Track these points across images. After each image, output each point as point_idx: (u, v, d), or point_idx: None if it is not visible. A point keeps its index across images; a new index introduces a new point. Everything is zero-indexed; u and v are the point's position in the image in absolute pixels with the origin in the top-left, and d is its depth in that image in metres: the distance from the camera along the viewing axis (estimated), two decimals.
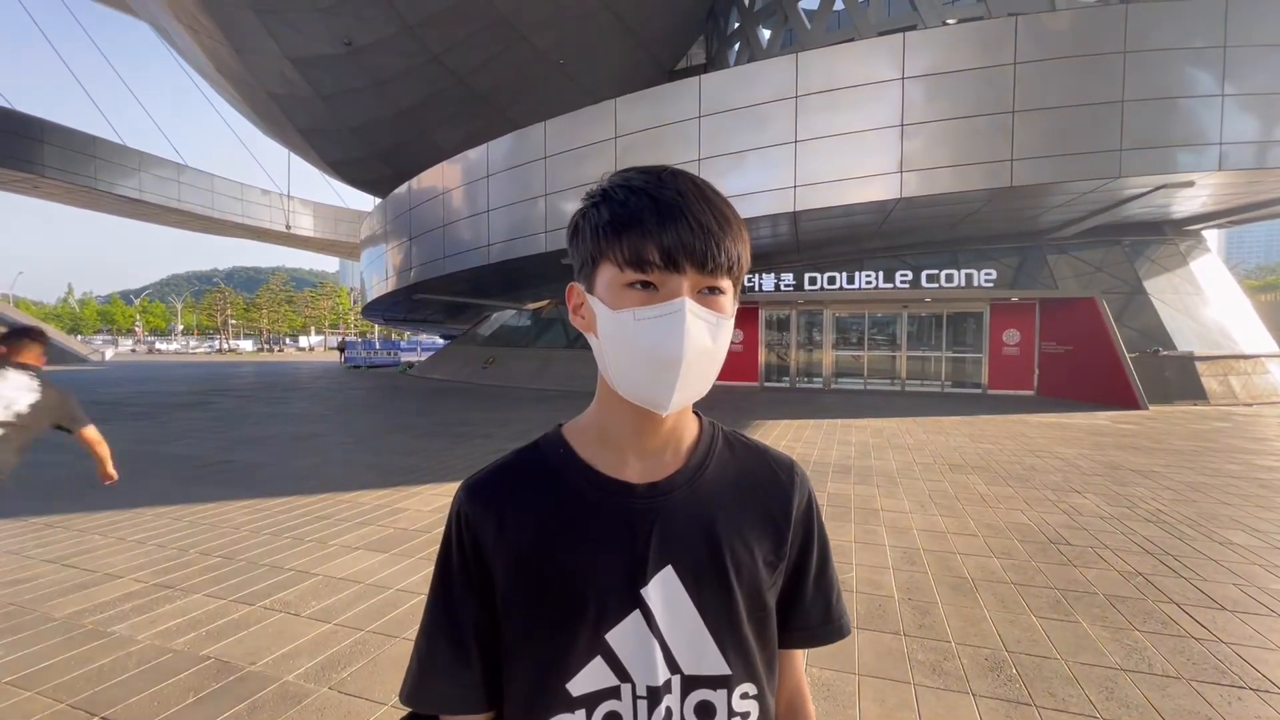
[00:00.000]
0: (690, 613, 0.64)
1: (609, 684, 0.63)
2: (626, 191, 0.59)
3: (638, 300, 0.58)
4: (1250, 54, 10.38)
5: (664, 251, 0.56)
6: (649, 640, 0.63)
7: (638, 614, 0.63)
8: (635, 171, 0.62)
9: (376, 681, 2.43)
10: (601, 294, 0.61)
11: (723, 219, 0.59)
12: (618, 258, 0.58)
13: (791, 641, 0.73)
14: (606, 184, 0.62)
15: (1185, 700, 2.30)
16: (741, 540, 0.66)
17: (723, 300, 0.60)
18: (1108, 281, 14.43)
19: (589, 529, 0.64)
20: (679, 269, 0.57)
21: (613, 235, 0.58)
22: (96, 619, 2.97)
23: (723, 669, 0.65)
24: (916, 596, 3.25)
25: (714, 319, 0.59)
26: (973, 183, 10.94)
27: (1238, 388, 12.98)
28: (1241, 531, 4.40)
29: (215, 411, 11.49)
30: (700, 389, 0.61)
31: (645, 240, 0.57)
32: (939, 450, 7.57)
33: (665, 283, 0.58)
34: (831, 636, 0.74)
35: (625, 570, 0.63)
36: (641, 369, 0.59)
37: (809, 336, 17.28)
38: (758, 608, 0.67)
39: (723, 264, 0.58)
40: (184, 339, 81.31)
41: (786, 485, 0.72)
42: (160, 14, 21.14)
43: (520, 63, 20.42)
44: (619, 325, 0.59)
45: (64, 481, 5.84)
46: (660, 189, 0.58)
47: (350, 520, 4.62)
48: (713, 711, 0.64)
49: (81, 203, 33.53)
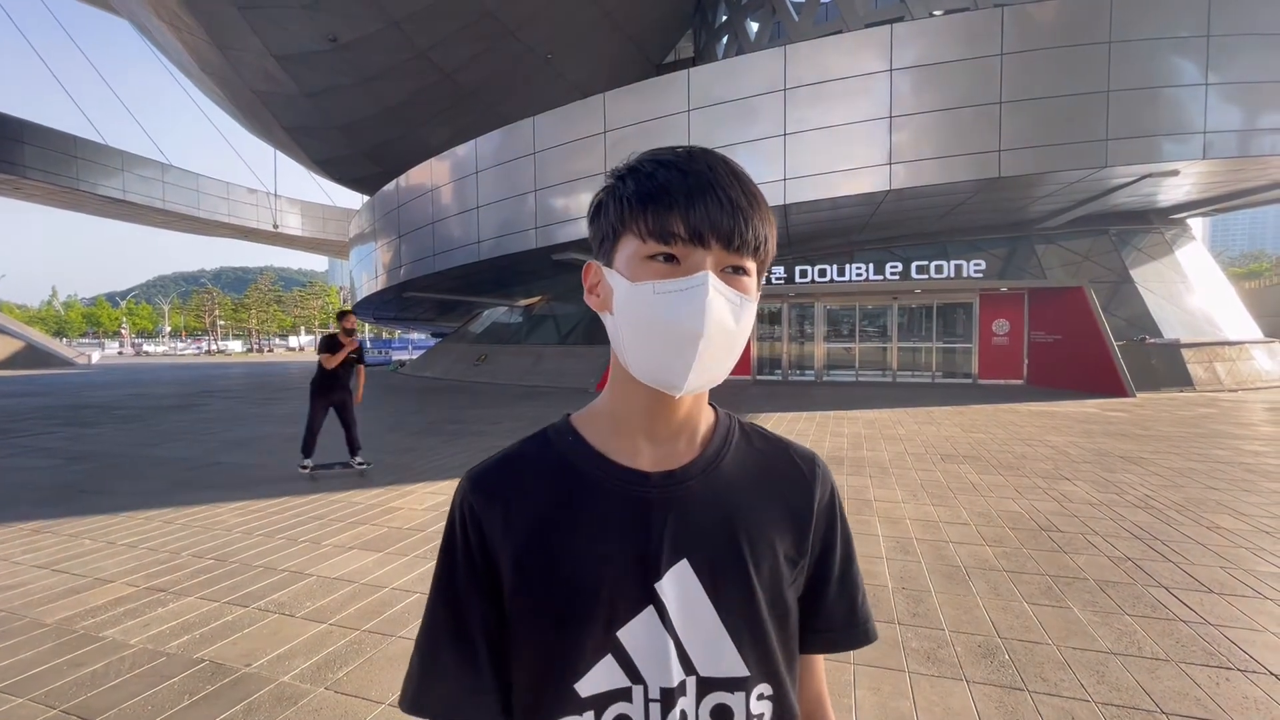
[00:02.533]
0: (707, 610, 0.60)
1: (620, 685, 0.59)
2: (655, 165, 0.57)
3: (658, 273, 0.55)
4: (1233, 43, 10.48)
5: (690, 225, 0.54)
6: (663, 638, 0.59)
7: (651, 610, 0.59)
8: (665, 149, 0.59)
9: (373, 681, 2.42)
10: (621, 267, 0.58)
11: (752, 198, 0.57)
12: (641, 229, 0.56)
13: (814, 644, 0.69)
14: (634, 160, 0.60)
15: (1175, 682, 2.34)
16: (761, 533, 0.63)
17: (747, 281, 0.58)
18: (1095, 271, 14.56)
19: (600, 519, 0.61)
20: (704, 244, 0.55)
21: (638, 206, 0.56)
22: (88, 624, 2.94)
23: (741, 670, 0.61)
24: (910, 585, 3.28)
25: (737, 299, 0.56)
26: (961, 174, 11.00)
27: (1223, 374, 13.16)
28: (1228, 515, 4.47)
29: (205, 413, 11.39)
30: (718, 372, 0.58)
31: (671, 212, 0.55)
32: (930, 440, 7.63)
33: (689, 257, 0.55)
34: (857, 640, 0.70)
35: (638, 563, 0.59)
36: (658, 345, 0.56)
37: (800, 329, 17.35)
38: (778, 605, 0.64)
39: (749, 242, 0.56)
40: (172, 341, 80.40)
41: (809, 478, 0.69)
42: (141, 11, 20.81)
43: (508, 58, 20.30)
44: (637, 298, 0.56)
45: (53, 487, 5.78)
46: (690, 163, 0.57)
47: (344, 520, 4.60)
48: (730, 715, 0.61)
49: (64, 204, 33.08)
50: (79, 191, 29.78)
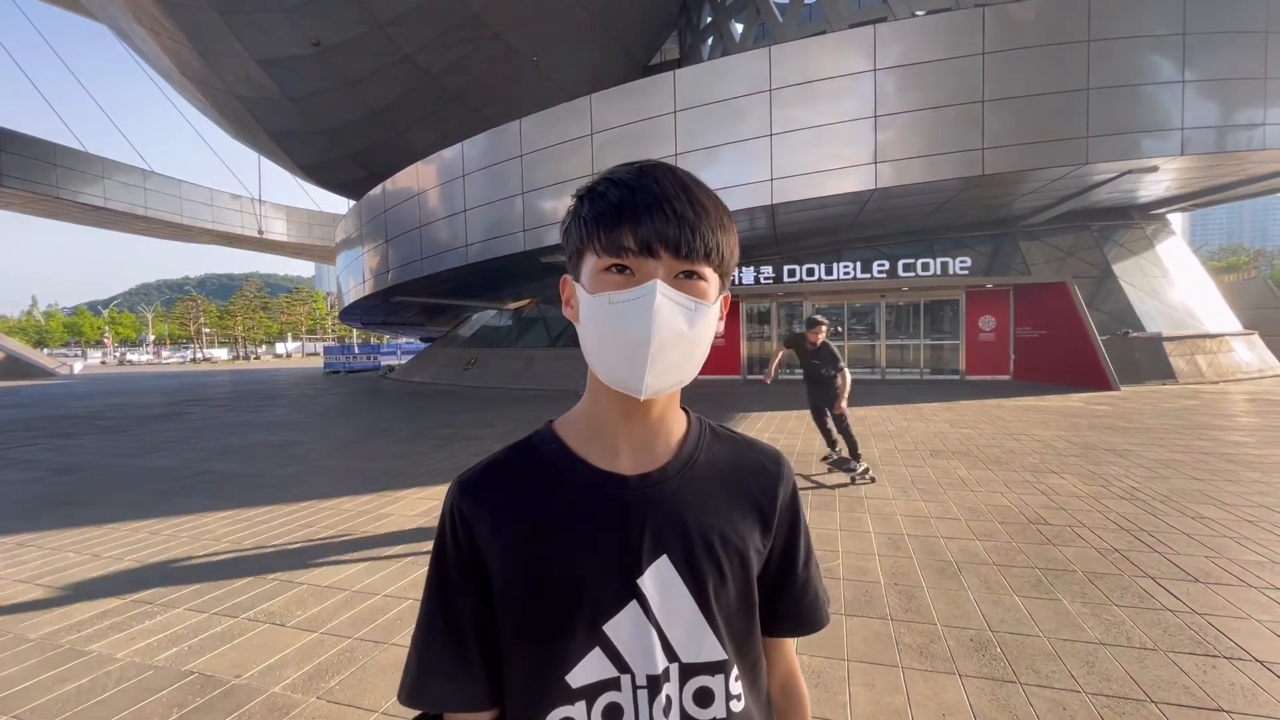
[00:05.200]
0: (686, 601, 0.64)
1: (608, 675, 0.63)
2: (609, 184, 0.62)
3: (614, 285, 0.60)
4: (1209, 41, 10.67)
5: (639, 237, 0.58)
6: (647, 630, 0.63)
7: (635, 604, 0.63)
8: (621, 167, 0.64)
9: (365, 689, 2.40)
10: (585, 281, 0.63)
11: (700, 207, 0.60)
12: (597, 246, 0.60)
13: (782, 629, 0.75)
14: (593, 181, 0.64)
15: (1163, 671, 2.37)
16: (733, 528, 0.68)
17: (702, 285, 0.61)
18: (1078, 266, 14.75)
19: (583, 521, 0.65)
20: (654, 254, 0.59)
21: (593, 225, 0.60)
22: (73, 638, 2.89)
23: (719, 654, 0.66)
24: (902, 581, 3.30)
25: (691, 303, 0.60)
26: (945, 172, 11.10)
27: (1204, 366, 13.36)
28: (1212, 505, 4.54)
29: (191, 422, 11.25)
30: (677, 375, 0.62)
31: (621, 226, 0.59)
32: (920, 436, 7.68)
33: (641, 267, 0.59)
34: (819, 624, 0.76)
35: (620, 561, 0.64)
36: (615, 352, 0.61)
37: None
38: (748, 593, 0.69)
39: (699, 249, 0.59)
40: (156, 349, 79.28)
41: (774, 474, 0.73)
42: (120, 16, 20.56)
43: (493, 61, 20.22)
44: (596, 309, 0.61)
45: (35, 499, 5.68)
46: (640, 179, 0.61)
47: (334, 527, 4.56)
48: (711, 697, 0.65)
49: (43, 212, 32.53)
50: (59, 199, 29.29)
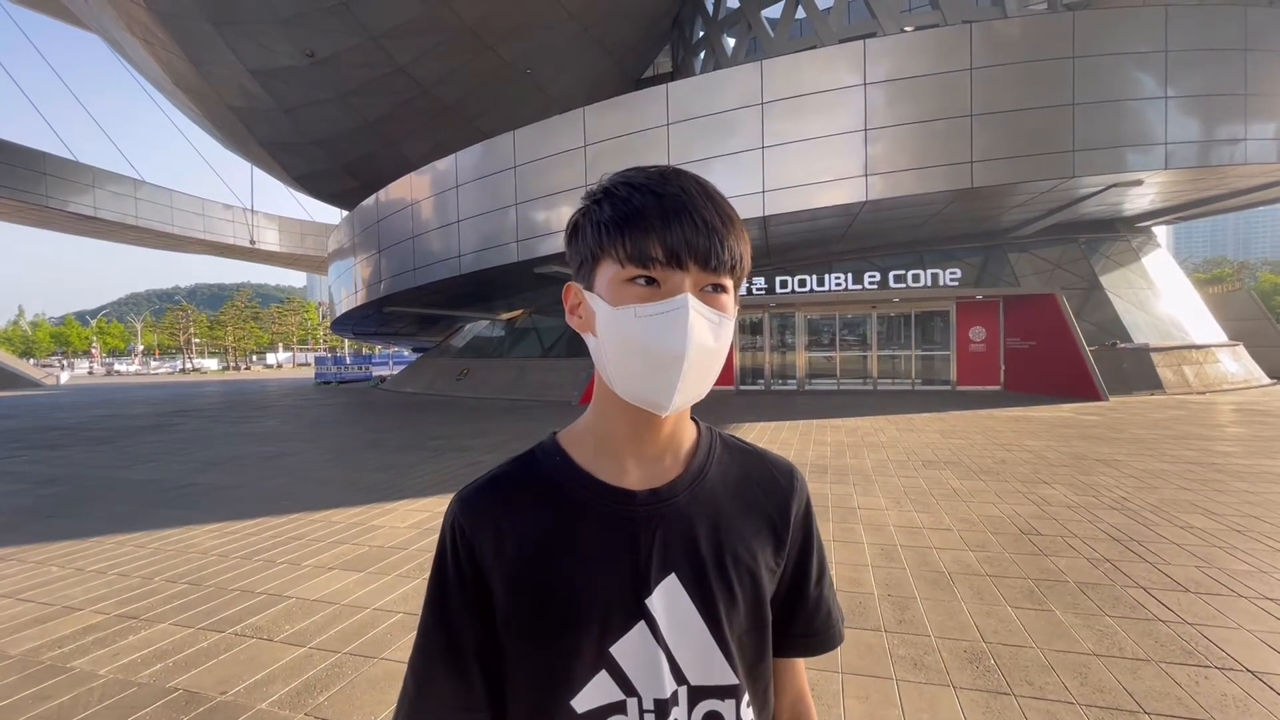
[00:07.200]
0: (696, 622, 0.62)
1: (615, 699, 0.61)
2: (629, 189, 0.58)
3: (639, 297, 0.56)
4: (1190, 58, 10.90)
5: (667, 248, 0.55)
6: (655, 652, 0.61)
7: (642, 625, 0.61)
8: (636, 170, 0.60)
9: (354, 705, 2.36)
10: (602, 291, 0.59)
11: (726, 217, 0.58)
12: (619, 253, 0.57)
13: (795, 648, 0.72)
14: (608, 182, 0.60)
15: (1156, 682, 2.37)
16: (744, 545, 0.65)
17: (725, 299, 0.59)
18: (1066, 278, 14.92)
19: (589, 539, 0.62)
20: (682, 265, 0.56)
21: (615, 231, 0.57)
22: (55, 654, 2.83)
23: (730, 678, 0.63)
24: (896, 592, 3.30)
25: (716, 317, 0.58)
26: (935, 184, 11.24)
27: (1191, 377, 13.51)
28: (1200, 515, 4.57)
29: (180, 433, 11.12)
30: (700, 390, 0.59)
31: (648, 236, 0.55)
32: (912, 447, 7.70)
33: (668, 279, 0.56)
34: (832, 643, 0.73)
35: (628, 581, 0.61)
36: (642, 368, 0.57)
37: (782, 339, 17.49)
38: (760, 613, 0.66)
39: (726, 262, 0.57)
40: (144, 359, 78.43)
41: (786, 489, 0.70)
42: (112, 26, 20.52)
43: (487, 73, 20.33)
44: (619, 322, 0.57)
45: (19, 511, 5.59)
46: (664, 186, 0.58)
47: (323, 540, 4.50)
48: None
49: (32, 221, 32.26)
50: (49, 209, 29.07)
